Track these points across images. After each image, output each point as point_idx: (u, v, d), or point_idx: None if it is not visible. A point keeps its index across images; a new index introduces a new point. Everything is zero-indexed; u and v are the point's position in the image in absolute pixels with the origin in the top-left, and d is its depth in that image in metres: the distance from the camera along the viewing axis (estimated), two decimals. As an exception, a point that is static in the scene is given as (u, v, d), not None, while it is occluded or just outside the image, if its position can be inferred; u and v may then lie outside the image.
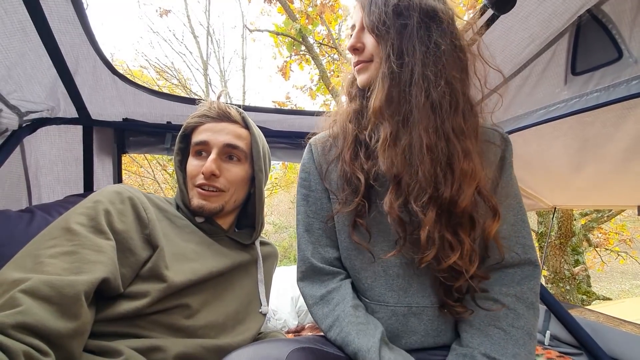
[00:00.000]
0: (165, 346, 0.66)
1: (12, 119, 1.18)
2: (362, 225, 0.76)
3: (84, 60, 1.19)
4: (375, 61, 0.75)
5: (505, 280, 0.74)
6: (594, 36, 1.09)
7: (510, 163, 0.79)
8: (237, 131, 0.91)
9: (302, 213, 0.85)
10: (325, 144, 0.86)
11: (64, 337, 0.52)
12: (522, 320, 0.69)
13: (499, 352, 0.66)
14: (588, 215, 5.42)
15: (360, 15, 0.76)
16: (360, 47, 0.76)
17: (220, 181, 0.87)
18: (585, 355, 1.25)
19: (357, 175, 0.75)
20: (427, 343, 0.75)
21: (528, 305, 0.71)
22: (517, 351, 0.66)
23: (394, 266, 0.76)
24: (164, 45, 11.44)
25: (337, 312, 0.74)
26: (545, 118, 1.29)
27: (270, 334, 1.00)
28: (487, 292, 0.73)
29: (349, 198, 0.76)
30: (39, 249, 0.61)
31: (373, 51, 0.74)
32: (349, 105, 0.84)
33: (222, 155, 0.89)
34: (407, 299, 0.75)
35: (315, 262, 0.80)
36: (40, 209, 1.11)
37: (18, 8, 0.92)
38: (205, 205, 0.86)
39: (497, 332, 0.69)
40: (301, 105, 7.43)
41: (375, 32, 0.71)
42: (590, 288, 5.33)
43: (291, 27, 4.71)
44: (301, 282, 0.83)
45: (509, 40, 1.18)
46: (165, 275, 0.70)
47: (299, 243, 0.84)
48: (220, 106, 0.92)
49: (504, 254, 0.72)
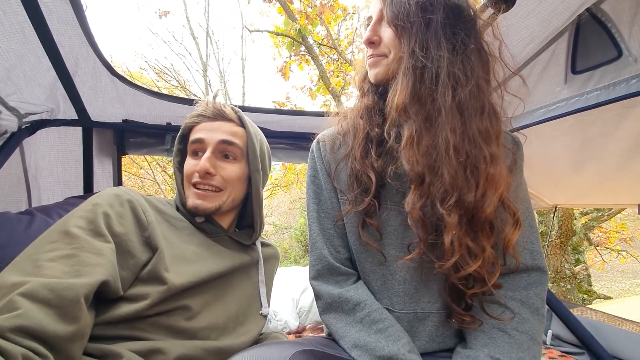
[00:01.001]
0: (166, 348, 0.66)
1: (12, 120, 1.18)
2: (372, 226, 0.74)
3: (84, 62, 1.18)
4: (390, 56, 0.73)
5: (512, 285, 0.73)
6: (594, 35, 1.09)
7: (521, 167, 0.78)
8: (233, 129, 0.91)
9: (314, 211, 0.82)
10: (334, 141, 0.84)
11: (63, 340, 0.52)
12: (527, 325, 0.68)
13: (504, 355, 0.65)
14: (588, 214, 5.42)
15: (379, 7, 0.73)
16: (376, 40, 0.74)
17: (216, 179, 0.86)
18: (587, 354, 1.24)
19: (368, 173, 0.73)
20: (430, 348, 0.74)
21: (533, 311, 0.70)
22: (521, 355, 0.65)
23: (401, 270, 0.74)
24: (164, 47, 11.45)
25: (363, 314, 0.72)
26: (545, 117, 1.29)
27: (272, 335, 1.00)
28: (493, 296, 0.72)
29: (358, 198, 0.74)
30: (38, 253, 0.61)
31: (390, 45, 0.72)
32: (361, 101, 0.81)
33: (217, 153, 0.88)
34: (413, 305, 0.74)
35: (333, 260, 0.78)
36: (40, 211, 1.11)
37: (17, 9, 0.92)
38: (200, 204, 0.85)
39: (502, 335, 0.68)
40: (301, 105, 7.42)
41: (397, 25, 0.69)
42: (591, 287, 5.33)
43: (291, 28, 4.71)
44: (315, 280, 0.80)
45: (508, 39, 1.18)
46: (165, 278, 0.70)
47: (315, 241, 0.81)
48: (215, 105, 0.91)
49: (520, 263, 0.71)
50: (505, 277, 0.73)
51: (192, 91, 8.52)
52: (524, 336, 0.67)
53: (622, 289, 8.56)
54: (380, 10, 0.73)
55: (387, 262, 0.75)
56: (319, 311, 0.80)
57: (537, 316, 0.70)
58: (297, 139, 1.62)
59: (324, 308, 0.77)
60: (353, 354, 0.68)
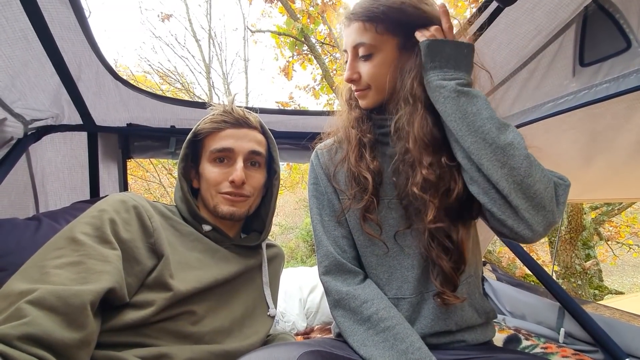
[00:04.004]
0: (173, 353, 0.66)
1: (17, 127, 1.19)
2: (373, 220, 0.79)
3: (87, 67, 1.19)
4: (372, 88, 0.80)
5: None
6: (602, 26, 1.07)
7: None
8: (258, 138, 0.93)
9: (317, 215, 0.87)
10: (331, 149, 0.91)
11: (70, 347, 0.52)
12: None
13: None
14: (598, 208, 5.35)
15: (353, 38, 0.78)
16: (356, 77, 0.80)
17: (246, 188, 0.88)
18: (601, 352, 1.22)
19: (364, 174, 0.79)
20: (437, 327, 0.76)
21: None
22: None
23: (408, 257, 0.79)
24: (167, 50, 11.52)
25: (370, 312, 0.74)
26: (553, 111, 1.27)
27: (279, 336, 0.99)
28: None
29: (357, 195, 0.80)
30: (44, 260, 0.61)
31: (369, 80, 0.79)
32: (350, 113, 0.88)
33: (247, 162, 0.89)
34: (420, 288, 0.78)
35: (339, 256, 0.82)
36: (47, 217, 1.12)
37: (19, 16, 0.92)
38: (235, 211, 0.87)
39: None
40: (305, 105, 7.42)
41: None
42: (602, 282, 5.26)
43: (293, 27, 4.70)
44: (325, 276, 0.83)
45: (515, 33, 1.16)
46: (171, 284, 0.70)
47: (320, 239, 0.85)
48: (239, 111, 0.91)
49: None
50: None
51: (197, 94, 8.55)
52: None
53: (634, 284, 8.44)
54: (354, 47, 0.78)
55: (393, 253, 0.80)
56: (329, 306, 0.82)
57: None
58: (302, 139, 1.61)
59: (333, 304, 0.81)
60: (361, 353, 0.70)
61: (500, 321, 1.62)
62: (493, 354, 0.72)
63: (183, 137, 0.92)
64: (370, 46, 0.76)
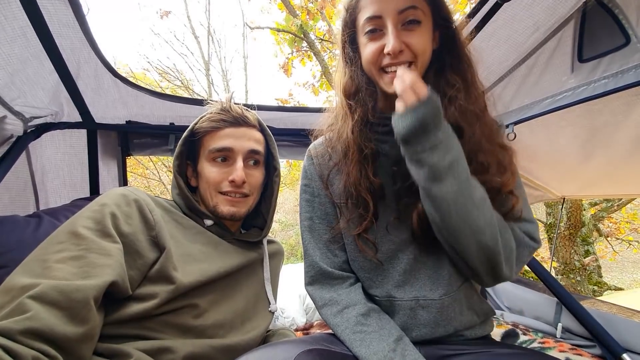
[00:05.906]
0: (175, 347, 0.66)
1: (17, 125, 1.19)
2: (369, 240, 0.77)
3: (86, 64, 1.19)
4: (419, 63, 0.67)
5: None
6: (601, 22, 1.07)
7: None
8: (256, 136, 0.93)
9: (307, 219, 0.85)
10: (323, 152, 0.86)
11: (72, 341, 0.53)
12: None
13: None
14: (598, 204, 5.35)
15: (397, 1, 0.65)
16: (403, 48, 0.66)
17: (246, 187, 0.89)
18: (598, 347, 1.23)
19: (364, 195, 0.74)
20: (437, 333, 0.75)
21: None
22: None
23: (401, 262, 0.77)
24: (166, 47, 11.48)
25: (346, 316, 0.74)
26: (552, 107, 1.27)
27: (279, 331, 1.00)
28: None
29: (355, 220, 0.77)
30: (46, 254, 0.61)
31: (418, 51, 0.66)
32: (350, 117, 0.76)
33: (246, 161, 0.89)
34: (414, 293, 0.76)
35: (325, 266, 0.80)
36: (48, 214, 1.12)
37: (18, 14, 0.92)
38: (236, 212, 0.88)
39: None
40: (304, 102, 7.41)
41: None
42: (602, 278, 5.27)
43: (292, 24, 4.68)
44: (310, 286, 0.82)
45: (513, 28, 1.16)
46: (174, 277, 0.70)
47: (307, 248, 0.84)
48: (237, 110, 0.91)
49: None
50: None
51: (196, 91, 8.54)
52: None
53: (634, 280, 8.45)
54: (400, 12, 0.65)
55: (385, 258, 0.78)
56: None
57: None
58: (301, 136, 1.62)
59: (318, 308, 0.80)
60: (354, 352, 0.69)
61: (499, 316, 1.63)
62: (491, 349, 0.72)
63: (182, 134, 0.92)
64: (421, 12, 0.66)
